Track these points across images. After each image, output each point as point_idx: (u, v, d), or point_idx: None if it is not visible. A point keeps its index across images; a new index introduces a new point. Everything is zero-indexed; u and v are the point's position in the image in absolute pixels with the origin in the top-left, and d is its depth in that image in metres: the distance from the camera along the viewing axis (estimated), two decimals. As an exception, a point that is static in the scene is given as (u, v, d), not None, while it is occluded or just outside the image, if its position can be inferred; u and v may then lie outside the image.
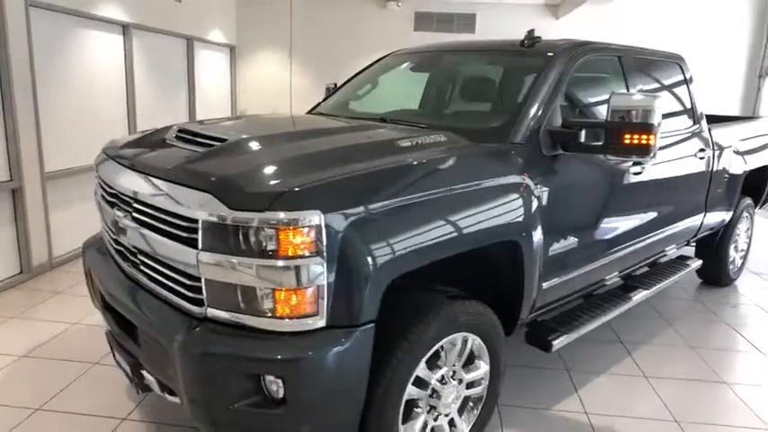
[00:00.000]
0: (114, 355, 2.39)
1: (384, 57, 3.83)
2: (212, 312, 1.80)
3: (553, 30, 8.06)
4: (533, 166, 2.42)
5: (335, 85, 4.06)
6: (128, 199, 2.10)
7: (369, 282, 1.78)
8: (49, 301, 4.00)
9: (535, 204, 2.36)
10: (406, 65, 3.62)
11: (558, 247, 2.57)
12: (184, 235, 1.81)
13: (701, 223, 3.97)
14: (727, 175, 4.16)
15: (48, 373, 3.03)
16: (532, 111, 2.53)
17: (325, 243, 1.69)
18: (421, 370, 2.05)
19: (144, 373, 2.12)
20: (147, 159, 2.20)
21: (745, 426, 2.79)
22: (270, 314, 1.73)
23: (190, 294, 1.86)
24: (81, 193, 4.99)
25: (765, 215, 7.09)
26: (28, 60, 4.19)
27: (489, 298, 2.33)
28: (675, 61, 3.77)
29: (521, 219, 2.29)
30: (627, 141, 2.40)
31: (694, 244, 4.38)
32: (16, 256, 4.31)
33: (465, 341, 2.22)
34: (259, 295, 1.73)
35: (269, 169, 1.90)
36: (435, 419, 2.21)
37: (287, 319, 1.72)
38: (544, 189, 2.43)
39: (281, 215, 1.66)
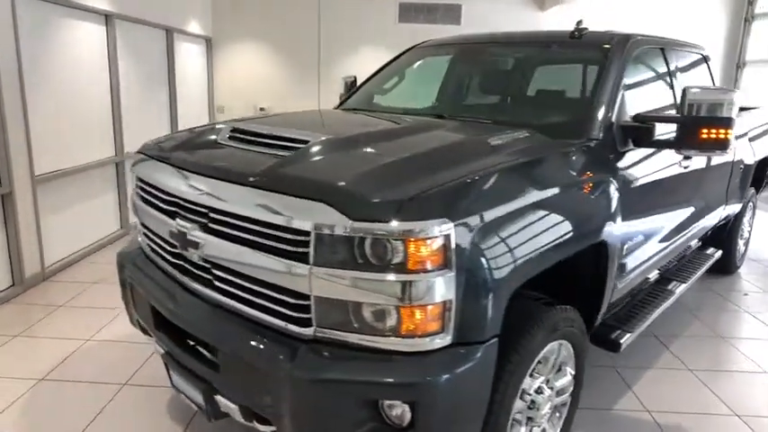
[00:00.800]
0: (172, 379, 2.17)
1: (410, 49, 3.67)
2: (323, 333, 1.63)
3: (538, 22, 8.08)
4: (613, 162, 2.34)
5: (355, 78, 3.87)
6: (200, 209, 1.88)
7: (495, 293, 1.65)
8: (50, 316, 3.66)
9: (616, 202, 2.29)
10: (440, 58, 3.47)
11: (630, 244, 2.51)
12: (289, 249, 1.62)
13: (722, 214, 4.03)
14: (742, 166, 4.24)
15: (75, 398, 2.75)
16: (606, 105, 2.45)
17: (453, 254, 1.55)
18: (526, 382, 1.94)
19: (219, 398, 1.92)
20: (217, 163, 1.98)
21: (801, 415, 2.83)
22: (392, 333, 1.58)
23: (292, 314, 1.67)
24: (70, 196, 4.62)
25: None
26: (15, 54, 3.79)
27: (568, 302, 2.24)
28: (701, 52, 3.79)
29: (609, 217, 2.21)
30: (704, 136, 2.35)
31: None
32: (7, 267, 3.93)
33: (560, 348, 2.12)
34: (381, 313, 1.57)
35: (382, 175, 1.73)
36: (531, 431, 2.11)
37: (412, 338, 1.57)
38: (620, 186, 2.36)
39: (410, 225, 1.50)
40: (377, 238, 1.52)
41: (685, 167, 3.02)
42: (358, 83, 3.88)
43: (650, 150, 2.63)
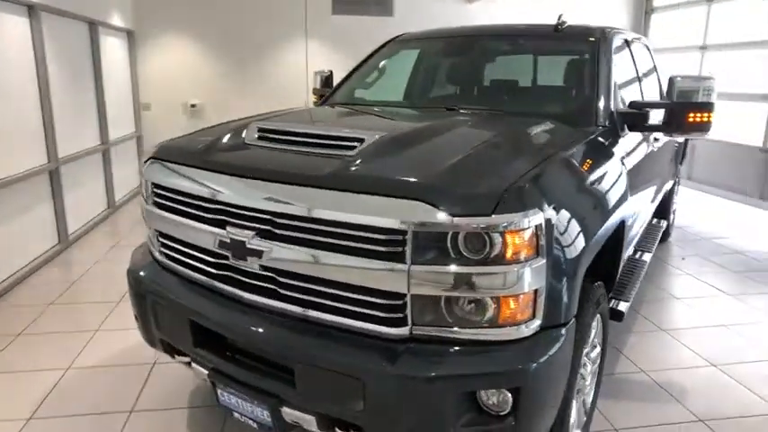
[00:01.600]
0: (220, 398, 2.05)
1: (389, 42, 3.67)
2: (420, 331, 1.63)
3: (467, 15, 8.33)
4: (619, 146, 2.53)
5: (331, 73, 3.81)
6: (262, 215, 1.79)
7: (575, 276, 1.75)
8: (11, 347, 3.27)
9: (627, 181, 2.48)
10: (428, 51, 3.51)
11: (630, 220, 2.73)
12: (382, 249, 1.60)
13: (668, 187, 4.48)
14: (676, 144, 4.72)
15: (82, 434, 2.51)
16: (607, 94, 2.63)
17: (544, 242, 1.62)
18: (582, 357, 2.07)
19: (288, 411, 1.85)
20: (273, 166, 1.89)
21: None
22: (489, 324, 1.62)
23: (384, 315, 1.65)
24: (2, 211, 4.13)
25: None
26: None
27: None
28: (646, 43, 4.15)
29: (625, 195, 2.39)
30: (691, 120, 2.60)
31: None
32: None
33: (596, 323, 2.27)
34: (479, 305, 1.60)
35: (466, 170, 1.74)
36: (580, 402, 2.25)
37: (508, 327, 1.62)
38: (625, 167, 2.55)
39: (509, 217, 1.55)
40: (476, 232, 1.55)
41: (655, 149, 3.31)
42: (316, 77, 3.82)
43: (639, 135, 2.86)
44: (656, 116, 2.75)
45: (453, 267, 1.56)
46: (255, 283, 1.88)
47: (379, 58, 3.59)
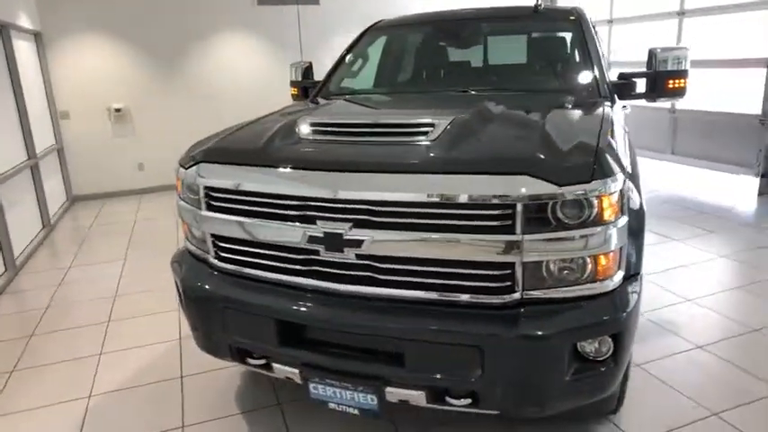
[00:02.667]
0: (311, 392, 2.06)
1: (370, 29, 3.71)
2: (529, 295, 1.77)
3: (393, 1, 8.43)
4: (620, 114, 2.80)
5: (310, 64, 3.79)
6: (359, 206, 1.83)
7: (642, 230, 1.97)
8: (12, 383, 2.99)
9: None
10: (420, 35, 3.61)
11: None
12: (492, 224, 1.72)
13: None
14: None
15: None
16: (601, 67, 2.89)
17: (625, 202, 1.82)
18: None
19: (393, 391, 1.93)
20: (360, 158, 1.93)
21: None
22: (588, 280, 1.79)
23: (493, 285, 1.78)
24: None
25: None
26: None
27: None
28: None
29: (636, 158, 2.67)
30: (670, 86, 2.95)
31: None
32: None
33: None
34: (581, 264, 1.77)
35: (554, 144, 1.86)
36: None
37: (603, 281, 1.81)
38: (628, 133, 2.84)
39: (603, 182, 1.73)
40: (576, 199, 1.71)
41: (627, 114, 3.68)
42: (293, 69, 3.80)
43: (621, 103, 3.18)
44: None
45: (559, 233, 1.71)
46: (349, 273, 1.92)
47: (362, 46, 3.62)
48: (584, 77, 2.92)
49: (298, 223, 1.94)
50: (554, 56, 3.26)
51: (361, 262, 1.89)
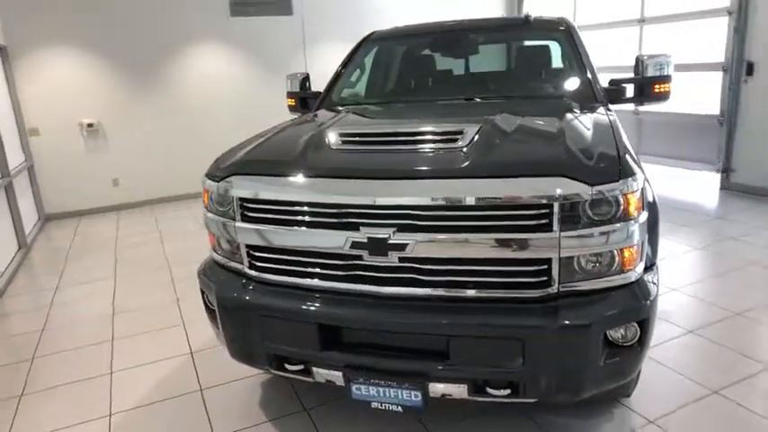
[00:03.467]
0: (353, 393, 2.14)
1: (366, 40, 3.82)
2: (565, 288, 1.91)
3: (369, 10, 8.57)
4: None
5: (307, 75, 3.86)
6: (403, 211, 1.94)
7: (658, 224, 2.14)
8: (22, 407, 2.92)
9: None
10: (414, 47, 3.73)
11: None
12: (531, 223, 1.85)
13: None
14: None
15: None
16: (594, 75, 3.09)
17: (644, 199, 1.99)
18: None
19: (436, 386, 2.03)
20: (399, 165, 2.04)
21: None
22: (616, 272, 1.94)
23: (531, 280, 1.90)
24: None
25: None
26: None
27: None
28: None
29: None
30: (656, 90, 3.18)
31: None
32: None
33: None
34: (610, 257, 1.92)
35: (581, 147, 2.02)
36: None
37: (628, 272, 1.96)
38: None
39: (629, 181, 1.89)
40: (606, 198, 1.86)
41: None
42: (290, 81, 3.87)
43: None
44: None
45: (591, 229, 1.86)
46: (392, 275, 2.01)
47: (359, 57, 3.73)
48: (582, 84, 3.11)
49: (341, 230, 2.02)
50: (551, 64, 3.44)
51: (405, 264, 1.98)
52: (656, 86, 3.17)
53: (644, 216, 1.97)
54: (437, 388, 2.03)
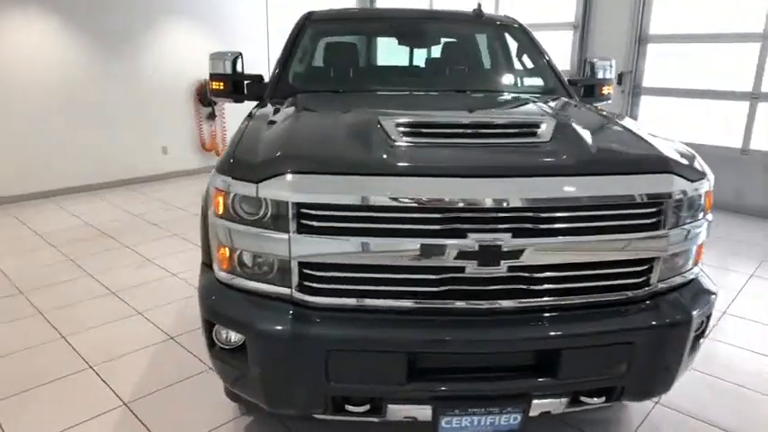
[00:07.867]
0: (442, 427, 1.83)
1: (306, 20, 3.35)
2: (663, 285, 1.89)
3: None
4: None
5: (240, 54, 3.26)
6: (519, 214, 1.70)
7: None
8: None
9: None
10: (370, 33, 3.40)
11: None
12: (645, 222, 1.79)
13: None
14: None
15: None
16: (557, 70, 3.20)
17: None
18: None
19: (537, 403, 1.86)
20: (503, 161, 1.81)
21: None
22: (690, 268, 1.98)
23: (634, 280, 1.84)
24: None
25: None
26: None
27: None
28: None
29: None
30: (603, 92, 3.43)
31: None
32: None
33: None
34: (690, 254, 1.95)
35: (661, 145, 1.99)
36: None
37: (697, 267, 2.03)
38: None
39: (710, 178, 1.97)
40: (699, 194, 1.90)
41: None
42: (220, 62, 3.26)
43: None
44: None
45: (689, 225, 1.88)
46: (496, 288, 1.76)
47: (307, 40, 3.28)
48: (553, 80, 3.18)
49: (444, 239, 1.69)
50: (513, 60, 3.43)
51: (512, 274, 1.75)
52: (603, 88, 3.40)
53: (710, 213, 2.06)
54: (538, 406, 1.86)
